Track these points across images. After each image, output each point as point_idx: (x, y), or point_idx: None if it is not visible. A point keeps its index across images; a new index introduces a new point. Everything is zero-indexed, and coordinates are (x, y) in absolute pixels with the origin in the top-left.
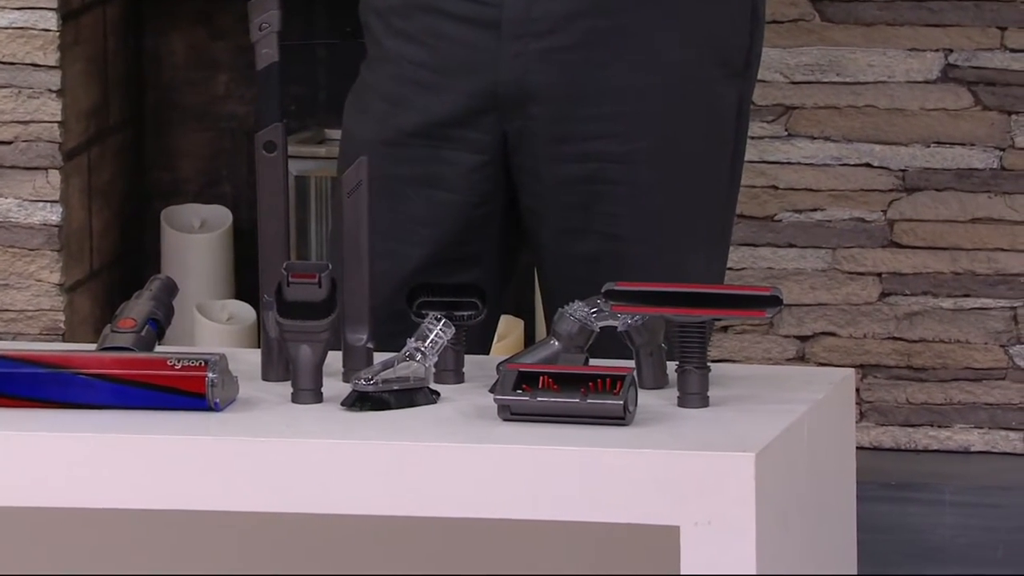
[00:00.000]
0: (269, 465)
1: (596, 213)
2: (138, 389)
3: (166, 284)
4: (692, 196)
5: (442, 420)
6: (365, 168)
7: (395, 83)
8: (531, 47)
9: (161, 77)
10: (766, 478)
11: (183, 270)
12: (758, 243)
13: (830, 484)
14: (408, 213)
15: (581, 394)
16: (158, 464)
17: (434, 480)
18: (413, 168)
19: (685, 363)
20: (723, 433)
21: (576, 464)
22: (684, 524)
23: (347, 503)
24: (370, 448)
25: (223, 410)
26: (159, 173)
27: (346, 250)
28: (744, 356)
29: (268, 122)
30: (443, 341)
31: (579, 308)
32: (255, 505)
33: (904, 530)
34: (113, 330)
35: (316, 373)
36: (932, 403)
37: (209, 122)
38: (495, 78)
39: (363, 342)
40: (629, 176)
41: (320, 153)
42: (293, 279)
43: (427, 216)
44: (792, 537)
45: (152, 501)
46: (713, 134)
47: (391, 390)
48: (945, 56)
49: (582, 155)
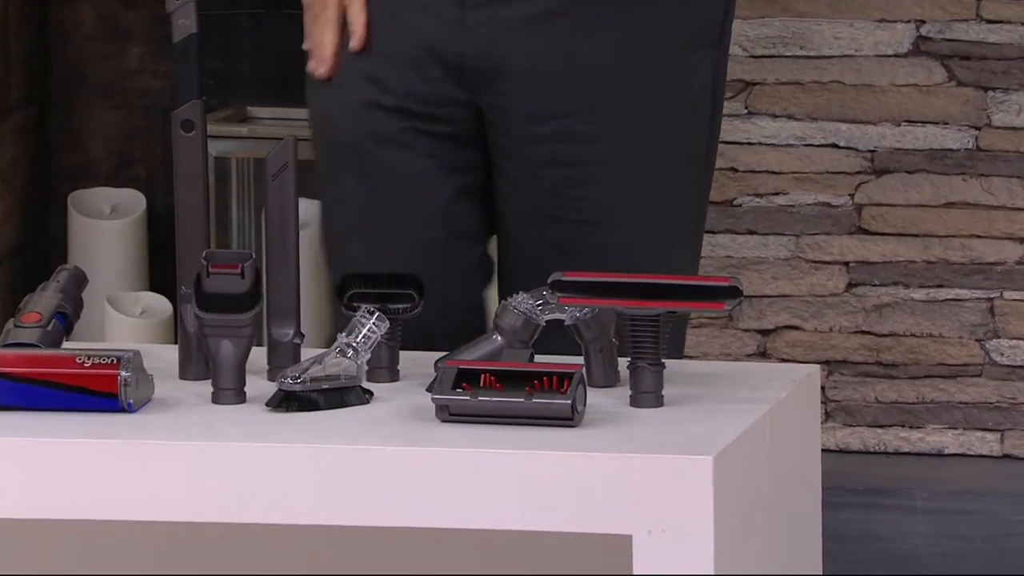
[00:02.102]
0: (187, 471)
1: (565, 198)
2: (44, 389)
3: (74, 275)
4: (666, 178)
5: (375, 421)
6: (292, 148)
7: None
8: (498, 15)
9: (68, 50)
10: (725, 483)
11: (93, 259)
12: (716, 230)
13: (793, 489)
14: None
15: (526, 393)
16: (66, 470)
17: (367, 487)
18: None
19: (638, 359)
20: (678, 435)
21: (520, 469)
22: (637, 533)
23: (272, 511)
24: (297, 452)
25: (137, 411)
26: (66, 154)
27: (271, 237)
28: (701, 352)
29: (185, 99)
30: (376, 336)
31: (523, 300)
32: (171, 514)
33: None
34: (16, 325)
35: (238, 371)
36: (903, 402)
37: (120, 99)
38: (461, 50)
39: (289, 337)
40: (598, 156)
41: (242, 133)
42: (213, 269)
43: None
44: (752, 547)
45: (59, 510)
46: (688, 112)
47: (320, 389)
48: (917, 28)
49: (552, 134)
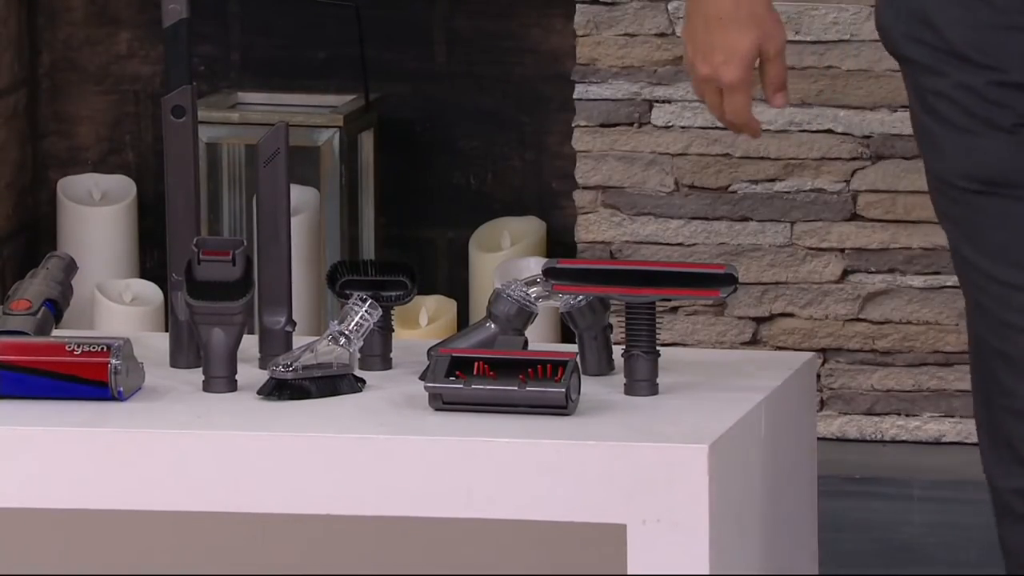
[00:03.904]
0: (177, 459)
1: None
2: (34, 377)
3: (64, 262)
4: None
5: (368, 410)
6: (283, 134)
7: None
8: None
9: (57, 34)
10: (720, 472)
11: (82, 246)
12: (711, 216)
13: (789, 478)
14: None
15: (520, 381)
16: (56, 459)
17: (358, 475)
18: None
19: (632, 347)
20: (673, 423)
21: (513, 457)
22: (631, 522)
23: (263, 500)
24: (288, 441)
25: (127, 400)
26: (55, 140)
27: (261, 224)
28: (696, 340)
29: (176, 84)
30: (369, 324)
31: (517, 288)
32: (162, 503)
33: (869, 528)
34: (5, 312)
35: (230, 359)
36: (899, 390)
37: (110, 84)
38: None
39: (281, 325)
40: None
41: (233, 119)
42: (204, 256)
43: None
44: (748, 536)
45: (49, 499)
46: None
47: (312, 377)
48: None
49: None
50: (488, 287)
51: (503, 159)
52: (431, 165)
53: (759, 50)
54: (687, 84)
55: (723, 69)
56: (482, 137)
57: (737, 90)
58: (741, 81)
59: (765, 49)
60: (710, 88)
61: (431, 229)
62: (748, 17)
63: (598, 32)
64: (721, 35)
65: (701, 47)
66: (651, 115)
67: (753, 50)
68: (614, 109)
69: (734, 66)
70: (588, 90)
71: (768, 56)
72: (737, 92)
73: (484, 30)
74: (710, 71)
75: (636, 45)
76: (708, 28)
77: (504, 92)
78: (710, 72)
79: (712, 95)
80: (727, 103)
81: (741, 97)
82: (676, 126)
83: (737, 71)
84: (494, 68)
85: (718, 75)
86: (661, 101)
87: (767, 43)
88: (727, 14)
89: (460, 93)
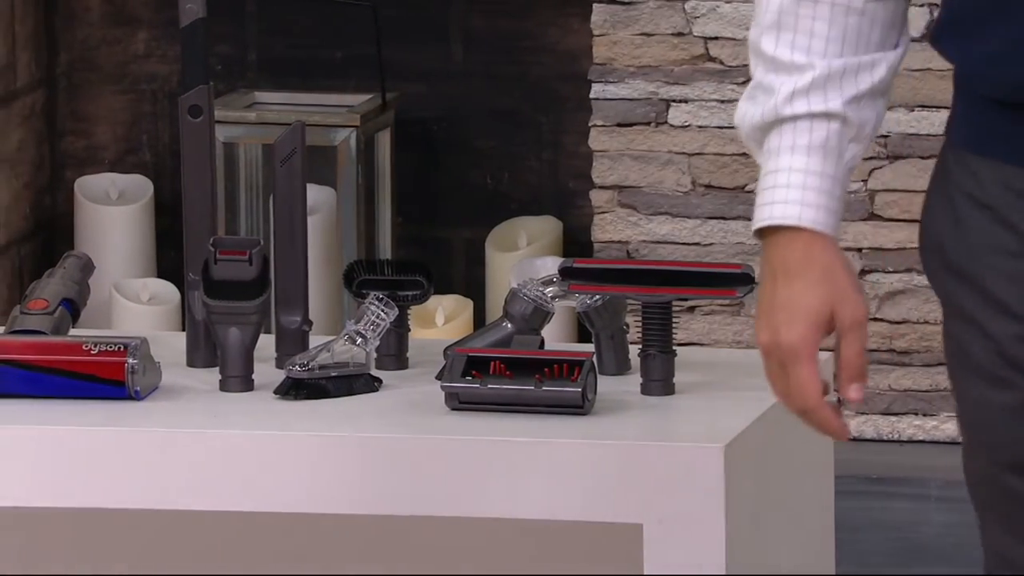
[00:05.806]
0: (194, 459)
1: None
2: (51, 376)
3: (81, 261)
4: None
5: (384, 409)
6: (300, 134)
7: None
8: None
9: (75, 34)
10: (736, 472)
11: (99, 246)
12: (728, 216)
13: (805, 478)
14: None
15: (536, 381)
16: (73, 458)
17: (375, 475)
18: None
19: (648, 347)
20: (689, 423)
21: (530, 457)
22: (647, 522)
23: (279, 500)
24: (305, 440)
25: (144, 399)
26: (73, 140)
27: (278, 223)
28: (712, 339)
29: (193, 84)
30: (385, 323)
31: (534, 287)
32: (178, 502)
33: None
34: (23, 311)
35: (246, 358)
36: (917, 390)
37: (128, 84)
38: None
39: (297, 324)
40: None
41: (249, 118)
42: (221, 256)
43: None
44: (764, 536)
45: (66, 498)
46: None
47: (328, 376)
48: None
49: None
50: (504, 287)
51: (520, 159)
52: (448, 165)
53: (832, 315)
54: (703, 84)
55: (783, 330)
56: (499, 137)
57: (799, 358)
58: (803, 343)
59: (840, 316)
60: (772, 361)
61: (447, 228)
62: (821, 273)
63: (615, 31)
64: (786, 291)
65: (764, 309)
66: (668, 114)
67: (823, 310)
68: (631, 109)
69: (796, 326)
70: (605, 89)
71: (844, 327)
72: (799, 362)
73: (501, 29)
74: (769, 336)
75: (653, 44)
76: (774, 285)
77: (521, 92)
78: (769, 337)
79: (773, 368)
80: (791, 376)
81: (804, 370)
82: (693, 126)
83: (798, 331)
84: (511, 68)
85: (778, 338)
86: (678, 100)
87: (842, 308)
88: (795, 267)
89: (477, 92)
